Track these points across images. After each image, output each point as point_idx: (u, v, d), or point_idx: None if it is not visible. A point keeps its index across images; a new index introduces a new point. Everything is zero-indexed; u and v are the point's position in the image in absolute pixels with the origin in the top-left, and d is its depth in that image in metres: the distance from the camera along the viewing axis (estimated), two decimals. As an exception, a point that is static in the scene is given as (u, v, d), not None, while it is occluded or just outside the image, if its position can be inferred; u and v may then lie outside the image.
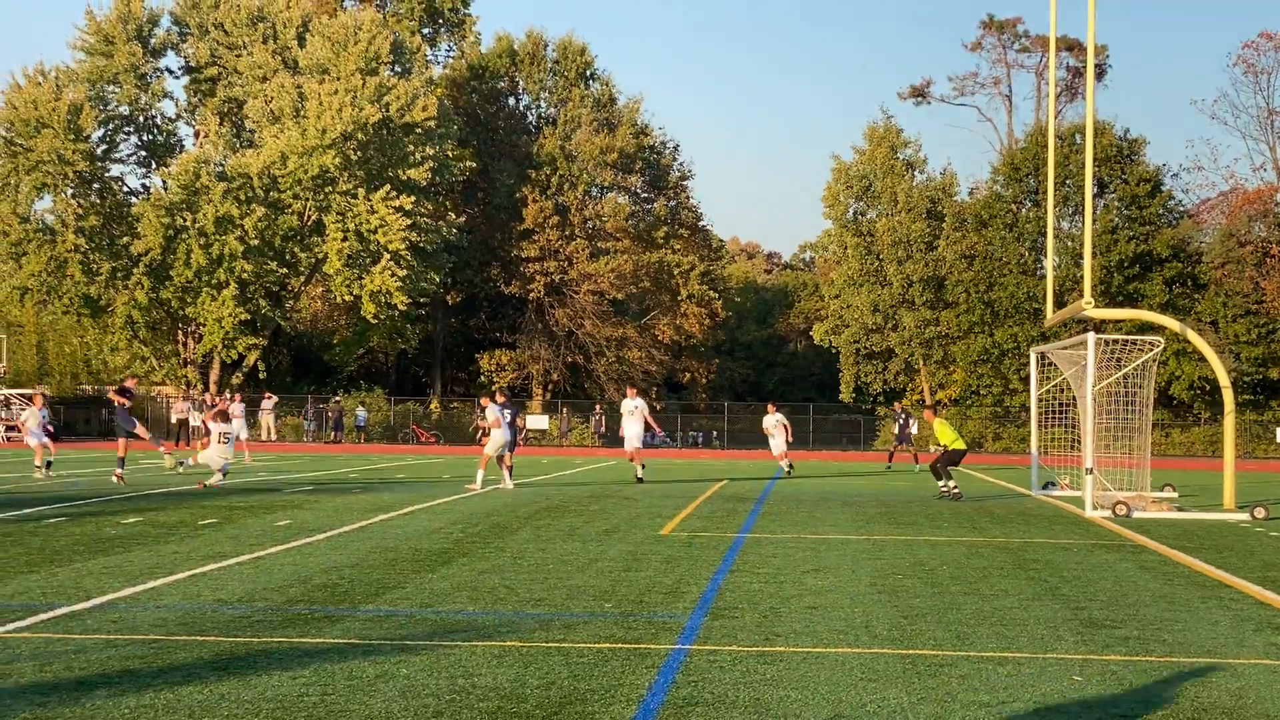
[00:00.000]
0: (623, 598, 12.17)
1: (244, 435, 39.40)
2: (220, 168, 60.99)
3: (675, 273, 70.88)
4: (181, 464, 29.33)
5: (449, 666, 8.89)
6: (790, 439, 35.66)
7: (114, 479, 27.09)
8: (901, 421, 42.18)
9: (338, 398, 62.53)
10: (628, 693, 8.20)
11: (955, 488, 26.20)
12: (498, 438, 26.78)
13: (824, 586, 13.08)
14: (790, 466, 35.36)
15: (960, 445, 26.91)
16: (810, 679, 8.68)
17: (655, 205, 73.60)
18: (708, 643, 9.95)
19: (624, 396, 32.26)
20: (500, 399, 27.74)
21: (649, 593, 12.50)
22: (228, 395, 46.36)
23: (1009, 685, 8.63)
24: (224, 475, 26.66)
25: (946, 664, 9.29)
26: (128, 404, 29.69)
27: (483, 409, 27.89)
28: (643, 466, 30.69)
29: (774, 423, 35.00)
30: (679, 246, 71.94)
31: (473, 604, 11.74)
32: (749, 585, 13.08)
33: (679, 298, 71.33)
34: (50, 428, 33.36)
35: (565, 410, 66.07)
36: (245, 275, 59.43)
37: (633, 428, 30.93)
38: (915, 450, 42.38)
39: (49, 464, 30.50)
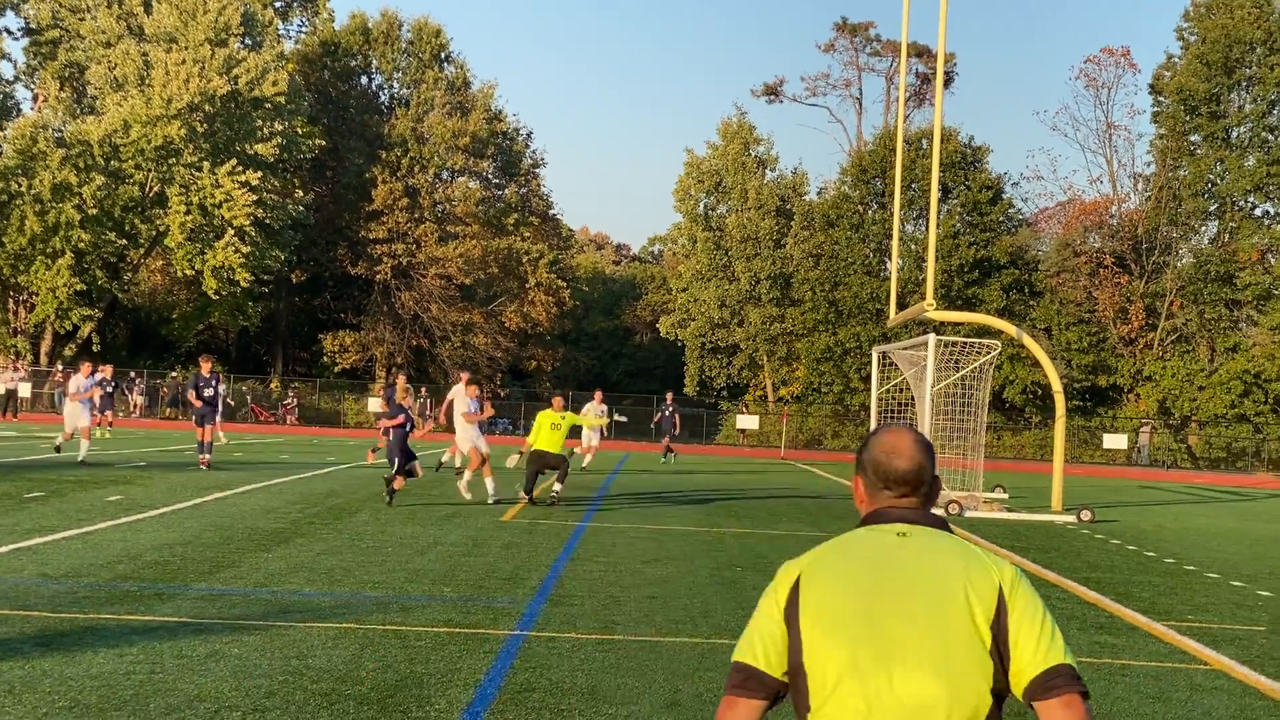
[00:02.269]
0: (462, 582, 12.10)
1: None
2: (59, 134, 59.23)
3: (524, 260, 70.66)
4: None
5: (283, 647, 8.74)
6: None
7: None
8: (667, 413, 41.79)
9: (174, 373, 61.16)
10: (464, 677, 8.14)
11: (551, 492, 21.69)
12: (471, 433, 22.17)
13: (664, 576, 13.14)
14: (584, 466, 32.13)
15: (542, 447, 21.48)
16: (648, 667, 8.70)
17: (506, 192, 73.26)
18: (546, 629, 9.92)
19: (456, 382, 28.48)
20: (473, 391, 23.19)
21: (489, 578, 12.44)
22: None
23: (843, 676, 8.72)
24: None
25: (782, 654, 9.36)
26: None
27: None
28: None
29: (599, 413, 34.02)
30: (528, 234, 71.70)
31: (309, 585, 11.57)
32: (589, 573, 13.09)
33: (527, 285, 71.11)
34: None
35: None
36: (82, 245, 57.81)
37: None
38: (669, 442, 41.81)
39: (60, 447, 27.39)
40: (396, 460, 19.98)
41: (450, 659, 8.64)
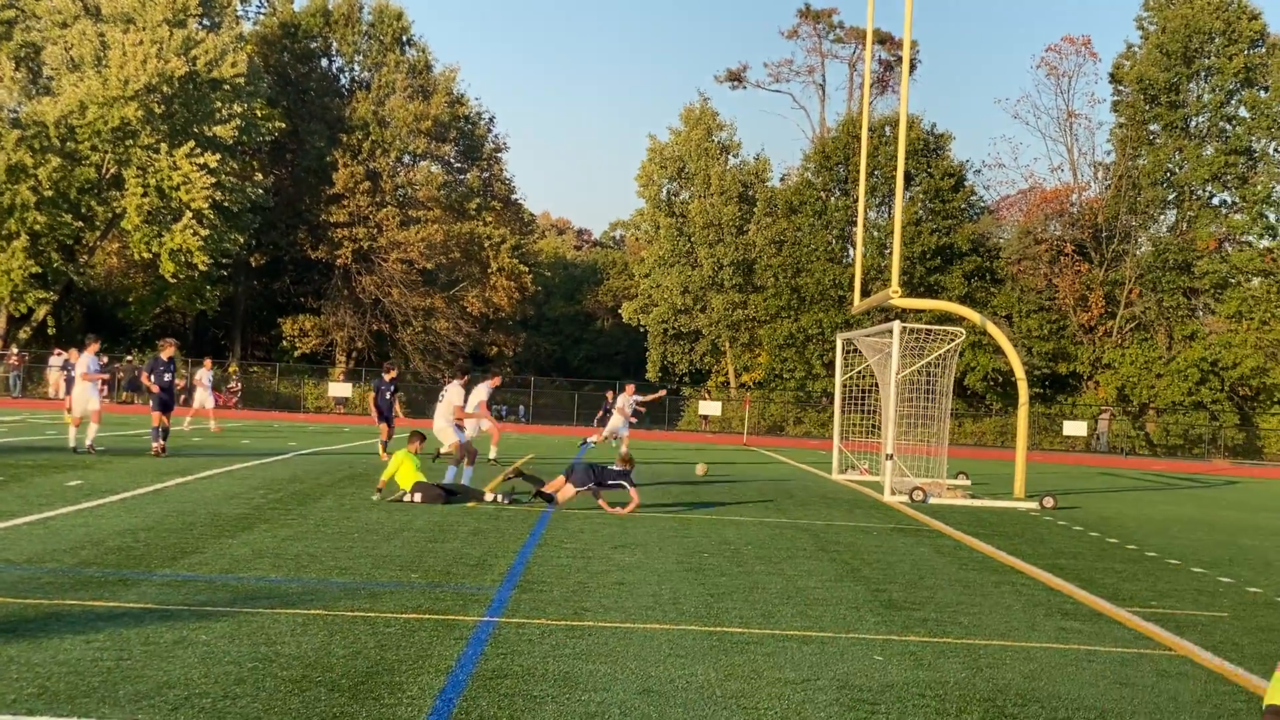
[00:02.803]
0: (430, 568, 12.04)
1: (210, 403, 37.92)
2: (14, 114, 58.61)
3: (486, 245, 70.44)
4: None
5: (251, 634, 8.67)
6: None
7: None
8: (607, 406, 41.49)
9: (130, 357, 60.64)
10: (436, 663, 8.09)
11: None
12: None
13: (632, 563, 13.12)
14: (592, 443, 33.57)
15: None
16: (619, 654, 8.67)
17: (468, 176, 73.00)
18: (516, 615, 9.88)
19: (449, 379, 27.93)
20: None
21: (456, 564, 12.39)
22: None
23: (813, 664, 8.74)
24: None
25: (752, 642, 9.38)
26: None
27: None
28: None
29: (631, 404, 33.35)
30: (490, 219, 71.48)
31: (275, 571, 11.49)
32: (557, 559, 13.05)
33: (489, 270, 70.90)
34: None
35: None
36: (37, 227, 57.24)
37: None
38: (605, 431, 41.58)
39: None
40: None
41: (421, 645, 8.59)
